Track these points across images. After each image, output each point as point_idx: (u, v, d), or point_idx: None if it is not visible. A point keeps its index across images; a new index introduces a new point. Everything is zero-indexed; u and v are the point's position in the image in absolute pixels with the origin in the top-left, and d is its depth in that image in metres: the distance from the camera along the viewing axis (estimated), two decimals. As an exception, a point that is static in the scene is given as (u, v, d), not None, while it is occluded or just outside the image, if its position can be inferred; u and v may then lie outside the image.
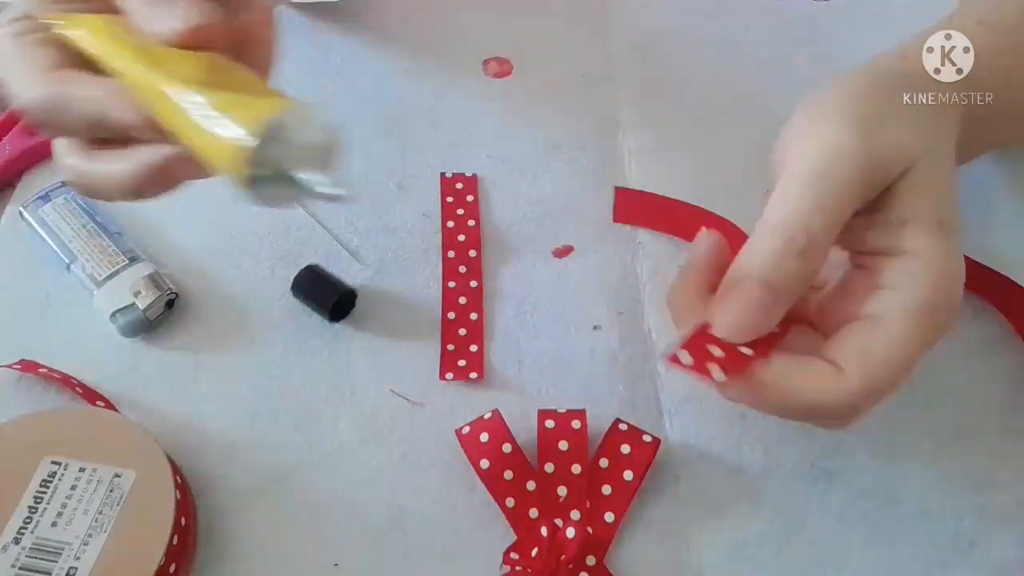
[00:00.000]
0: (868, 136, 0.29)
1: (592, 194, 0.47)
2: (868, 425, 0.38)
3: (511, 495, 0.36)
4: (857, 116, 0.30)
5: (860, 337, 0.30)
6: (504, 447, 0.37)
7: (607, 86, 0.52)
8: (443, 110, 0.51)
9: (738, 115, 0.50)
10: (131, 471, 0.35)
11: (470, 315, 0.43)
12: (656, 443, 0.37)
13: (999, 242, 0.43)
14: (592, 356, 0.41)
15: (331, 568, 0.35)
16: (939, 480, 0.37)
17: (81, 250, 0.43)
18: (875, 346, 0.29)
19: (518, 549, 0.35)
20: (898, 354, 0.29)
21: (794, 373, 0.30)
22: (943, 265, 0.29)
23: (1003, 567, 0.35)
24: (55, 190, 0.45)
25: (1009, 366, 0.40)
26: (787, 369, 0.30)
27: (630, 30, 0.55)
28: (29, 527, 0.33)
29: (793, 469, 0.38)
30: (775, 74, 0.52)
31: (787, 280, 0.29)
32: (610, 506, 0.36)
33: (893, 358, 0.29)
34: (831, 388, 0.29)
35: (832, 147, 0.29)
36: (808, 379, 0.30)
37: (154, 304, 0.41)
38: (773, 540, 0.36)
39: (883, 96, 0.31)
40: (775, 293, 0.29)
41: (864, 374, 0.29)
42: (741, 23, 0.55)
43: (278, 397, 0.40)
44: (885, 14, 0.55)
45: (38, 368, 0.40)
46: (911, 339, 0.29)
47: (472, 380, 0.40)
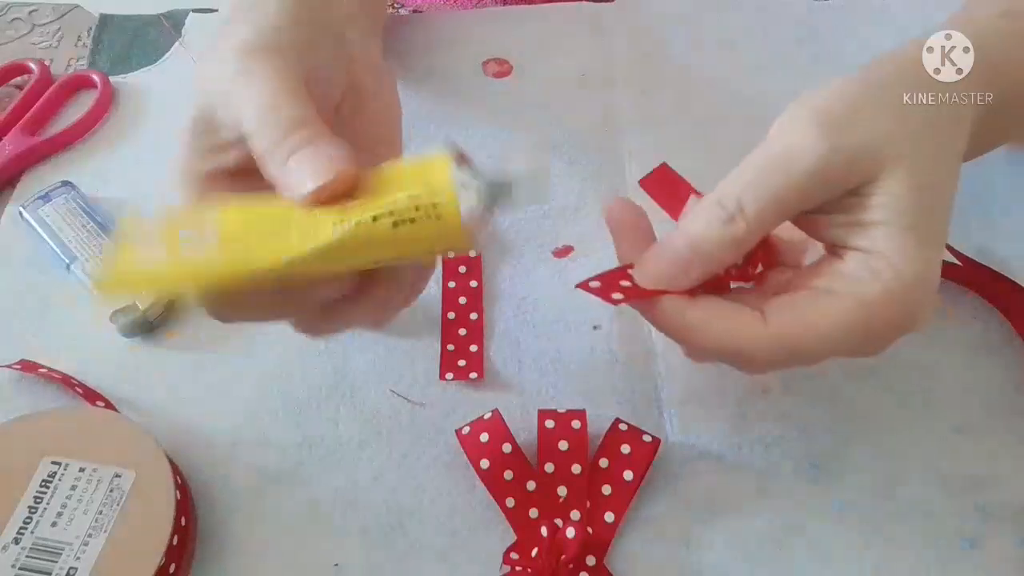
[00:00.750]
0: (830, 137, 0.29)
1: (592, 194, 0.47)
2: (868, 425, 0.39)
3: (511, 495, 0.36)
4: (827, 116, 0.30)
5: (798, 300, 0.30)
6: (504, 447, 0.37)
7: (607, 86, 0.52)
8: (443, 110, 0.51)
9: (738, 115, 0.50)
10: (131, 471, 0.35)
11: (470, 315, 0.43)
12: (656, 443, 0.37)
13: (999, 242, 0.43)
14: (592, 356, 0.41)
15: (331, 568, 0.35)
16: (939, 480, 0.37)
17: (81, 250, 0.43)
18: (807, 310, 0.30)
19: (518, 549, 0.35)
20: (825, 327, 0.29)
21: (718, 312, 0.31)
22: (908, 270, 0.29)
23: (1003, 567, 0.35)
24: (55, 190, 0.46)
25: (1009, 366, 0.40)
26: (712, 308, 0.31)
27: (630, 30, 0.55)
28: (29, 527, 0.33)
29: (793, 469, 0.38)
30: (775, 74, 0.52)
31: (707, 242, 0.30)
32: (610, 506, 0.36)
33: (819, 328, 0.29)
34: (746, 330, 0.30)
35: (793, 143, 0.30)
36: (729, 318, 0.30)
37: (154, 304, 0.41)
38: (773, 540, 0.36)
39: (865, 97, 0.31)
40: (694, 251, 0.30)
41: (782, 327, 0.30)
42: (741, 23, 0.55)
43: (278, 397, 0.40)
44: (885, 14, 0.55)
45: (38, 368, 0.40)
46: (845, 323, 0.29)
47: (472, 380, 0.40)
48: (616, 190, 0.47)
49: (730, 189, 0.30)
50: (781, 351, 0.30)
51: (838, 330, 0.29)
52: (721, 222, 0.30)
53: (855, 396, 0.39)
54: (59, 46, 0.56)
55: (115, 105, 0.52)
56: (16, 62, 0.53)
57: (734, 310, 0.31)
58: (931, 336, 0.41)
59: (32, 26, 0.57)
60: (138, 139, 0.50)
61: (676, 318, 0.31)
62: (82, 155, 0.50)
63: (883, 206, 0.29)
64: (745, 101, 0.51)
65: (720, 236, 0.30)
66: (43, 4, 0.58)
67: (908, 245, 0.29)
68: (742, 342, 0.30)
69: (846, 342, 0.29)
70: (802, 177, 0.29)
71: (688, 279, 0.31)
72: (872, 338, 0.30)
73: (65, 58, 0.55)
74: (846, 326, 0.29)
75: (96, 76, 0.52)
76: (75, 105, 0.52)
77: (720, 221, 0.30)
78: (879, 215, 0.29)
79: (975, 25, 0.34)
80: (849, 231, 0.30)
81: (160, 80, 0.53)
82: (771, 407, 0.39)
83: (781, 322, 0.30)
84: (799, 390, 0.40)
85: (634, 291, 0.31)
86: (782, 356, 0.30)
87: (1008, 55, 0.34)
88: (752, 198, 0.30)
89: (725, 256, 0.31)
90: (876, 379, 0.40)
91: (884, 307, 0.29)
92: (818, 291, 0.30)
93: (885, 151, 0.30)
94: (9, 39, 0.56)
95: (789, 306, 0.30)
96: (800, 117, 0.30)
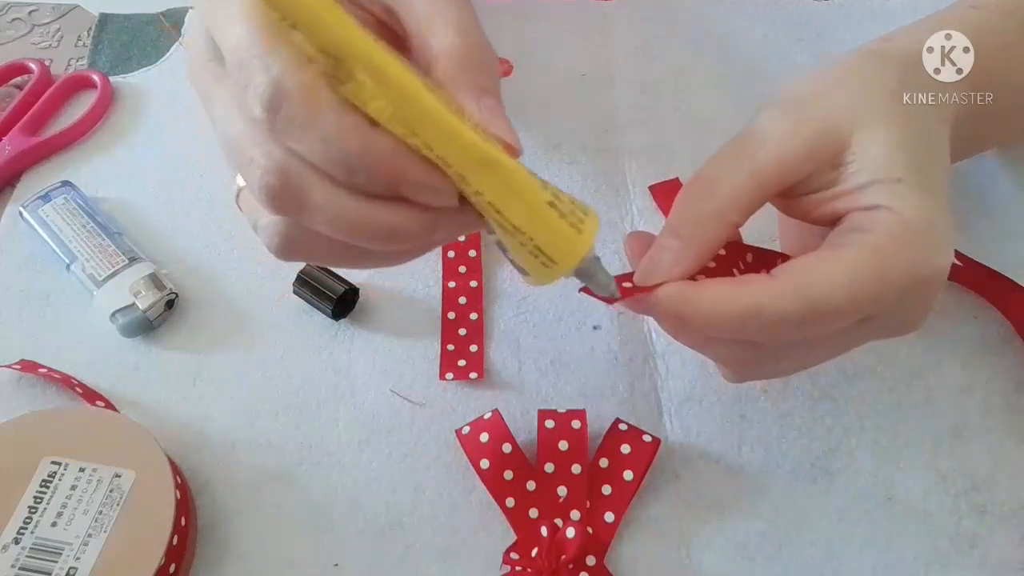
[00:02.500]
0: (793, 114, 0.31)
1: (592, 194, 0.47)
2: (868, 425, 0.39)
3: (511, 495, 0.36)
4: (792, 97, 0.32)
5: (806, 257, 0.30)
6: (504, 447, 0.37)
7: (607, 86, 0.52)
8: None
9: (738, 115, 0.50)
10: (131, 471, 0.35)
11: (470, 315, 0.43)
12: (656, 443, 0.37)
13: (999, 242, 0.43)
14: (592, 356, 0.41)
15: (331, 568, 0.35)
16: (939, 480, 0.37)
17: (81, 250, 0.43)
18: (819, 261, 0.29)
19: (518, 549, 0.35)
20: (840, 274, 0.28)
21: (724, 282, 0.30)
22: (910, 214, 0.28)
23: (1003, 567, 0.35)
24: (55, 190, 0.46)
25: (1009, 366, 0.40)
26: (718, 281, 0.30)
27: (630, 30, 0.55)
28: (29, 527, 0.33)
29: (793, 469, 0.38)
30: (775, 74, 0.52)
31: (689, 224, 0.31)
32: (610, 506, 0.36)
33: (834, 275, 0.28)
34: (758, 286, 0.29)
35: (760, 123, 0.31)
36: (738, 282, 0.30)
37: (154, 304, 0.41)
38: (773, 540, 0.36)
39: (829, 78, 0.32)
40: (679, 236, 0.31)
41: (796, 277, 0.29)
42: (741, 23, 0.55)
43: (278, 397, 0.40)
44: (885, 14, 0.55)
45: (38, 368, 0.40)
46: (859, 269, 0.28)
47: (472, 380, 0.40)
48: (616, 190, 0.47)
49: (704, 172, 0.31)
50: (800, 302, 0.28)
51: (854, 275, 0.28)
52: (697, 200, 0.31)
53: (855, 396, 0.39)
54: (59, 46, 0.56)
55: (115, 105, 0.52)
56: (16, 62, 0.53)
57: (742, 277, 0.30)
58: (931, 336, 0.41)
59: (32, 26, 0.57)
60: (138, 139, 0.50)
61: (680, 297, 0.30)
62: (82, 155, 0.50)
63: (866, 168, 0.30)
64: (745, 101, 0.51)
65: (697, 214, 0.31)
66: (43, 4, 0.58)
67: (901, 192, 0.29)
68: (758, 298, 0.28)
69: (863, 287, 0.28)
70: (768, 153, 0.30)
71: (678, 266, 0.30)
72: (892, 286, 0.28)
73: (65, 58, 0.55)
74: (858, 270, 0.28)
75: (96, 76, 0.52)
76: (75, 105, 0.52)
77: (696, 200, 0.31)
78: (864, 177, 0.29)
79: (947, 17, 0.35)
80: (840, 200, 0.30)
81: (160, 80, 0.53)
82: (771, 407, 0.39)
83: (793, 274, 0.29)
84: (799, 390, 0.40)
85: (635, 289, 0.31)
86: (799, 308, 0.28)
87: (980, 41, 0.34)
88: (722, 176, 0.31)
89: (705, 234, 0.30)
90: (876, 379, 0.40)
91: (895, 250, 0.28)
92: (824, 249, 0.30)
93: (853, 118, 0.30)
94: (9, 39, 0.56)
95: (799, 263, 0.29)
96: (769, 104, 0.32)
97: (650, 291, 0.30)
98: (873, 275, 0.28)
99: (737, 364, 0.33)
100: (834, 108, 0.31)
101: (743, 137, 0.32)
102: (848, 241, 0.29)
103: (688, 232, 0.31)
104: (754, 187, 0.30)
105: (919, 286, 0.29)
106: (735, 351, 0.32)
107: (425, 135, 0.24)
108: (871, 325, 0.30)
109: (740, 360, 0.33)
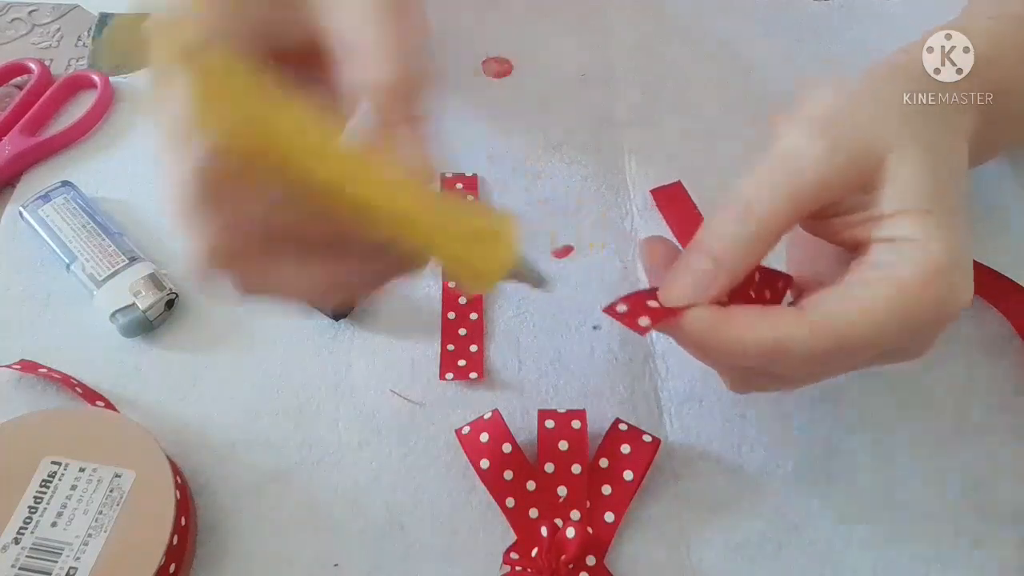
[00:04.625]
0: (829, 136, 0.30)
1: (592, 194, 0.47)
2: (868, 425, 0.39)
3: (511, 495, 0.36)
4: (826, 115, 0.31)
5: (834, 292, 0.30)
6: (504, 447, 0.37)
7: (607, 86, 0.52)
8: (443, 110, 0.51)
9: (738, 115, 0.50)
10: (131, 471, 0.35)
11: (470, 315, 0.43)
12: (656, 443, 0.37)
13: (999, 242, 0.43)
14: (592, 356, 0.41)
15: (331, 568, 0.35)
16: (939, 480, 0.37)
17: (81, 250, 0.43)
18: (846, 298, 0.29)
19: (518, 549, 0.35)
20: (868, 312, 0.28)
21: (753, 311, 0.30)
22: (937, 249, 0.28)
23: (1003, 567, 0.35)
24: (55, 190, 0.46)
25: (1009, 366, 0.40)
26: (746, 309, 0.30)
27: (630, 30, 0.55)
28: (29, 527, 0.33)
29: (793, 469, 0.38)
30: (775, 74, 0.52)
31: (726, 246, 0.30)
32: (610, 506, 0.36)
33: (861, 314, 0.28)
34: (787, 319, 0.29)
35: (794, 144, 0.30)
36: (766, 313, 0.30)
37: (154, 304, 0.41)
38: (773, 540, 0.36)
39: (863, 95, 0.31)
40: (711, 257, 0.30)
41: (824, 315, 0.29)
42: (741, 23, 0.55)
43: (278, 397, 0.40)
44: (885, 14, 0.55)
45: (38, 368, 0.40)
46: (886, 308, 0.28)
47: (472, 380, 0.40)
48: (616, 190, 0.47)
49: (739, 192, 0.30)
50: (826, 340, 0.28)
51: (881, 314, 0.28)
52: (733, 223, 0.30)
53: (855, 396, 0.39)
54: (59, 46, 0.56)
55: (115, 105, 0.52)
56: (16, 62, 0.53)
57: (771, 309, 0.30)
58: (931, 336, 0.41)
59: (32, 26, 0.57)
60: (138, 139, 0.50)
61: (708, 325, 0.30)
62: (82, 155, 0.49)
63: (896, 195, 0.29)
64: (745, 101, 0.51)
65: (734, 236, 0.30)
66: (43, 4, 0.58)
67: (930, 226, 0.29)
68: (784, 332, 0.29)
69: (890, 326, 0.28)
70: (806, 176, 0.30)
71: (712, 289, 0.30)
72: (916, 323, 0.29)
73: (65, 58, 0.55)
74: (888, 310, 0.28)
75: (96, 76, 0.52)
76: (75, 105, 0.52)
77: (732, 223, 0.30)
78: (895, 204, 0.29)
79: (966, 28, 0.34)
80: (868, 226, 0.30)
81: (160, 80, 0.53)
82: (771, 407, 0.39)
83: (822, 311, 0.29)
84: (799, 391, 0.40)
85: (662, 312, 0.30)
86: (827, 347, 0.29)
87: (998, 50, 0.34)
88: (761, 198, 0.30)
89: (742, 257, 0.30)
90: (876, 379, 0.40)
91: (923, 287, 0.28)
92: (852, 284, 0.30)
93: (886, 143, 0.30)
94: (9, 39, 0.56)
95: (826, 298, 0.29)
96: (801, 118, 0.31)
97: (678, 315, 0.30)
98: (900, 312, 0.28)
99: (744, 383, 0.34)
100: (865, 129, 0.30)
101: (778, 158, 0.30)
102: (873, 277, 0.29)
103: (725, 255, 0.30)
104: (793, 210, 0.30)
105: (939, 322, 0.30)
106: (747, 374, 0.32)
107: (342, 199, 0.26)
108: (882, 355, 0.31)
109: (749, 380, 0.33)
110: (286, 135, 0.25)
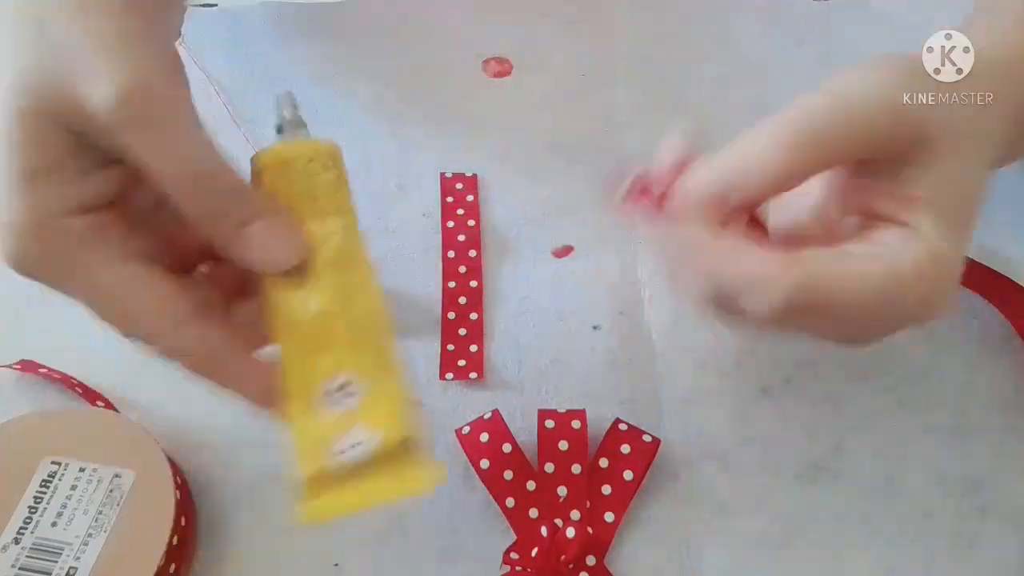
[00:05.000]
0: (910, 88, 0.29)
1: (592, 194, 0.47)
2: (868, 425, 0.39)
3: (511, 495, 0.36)
4: (913, 67, 0.30)
5: (831, 252, 0.29)
6: (504, 447, 0.37)
7: (607, 86, 0.52)
8: (443, 110, 0.51)
9: (738, 115, 0.50)
10: (131, 471, 0.35)
11: (470, 315, 0.43)
12: (656, 443, 0.37)
13: (999, 242, 0.43)
14: (592, 356, 0.41)
15: (331, 568, 0.35)
16: (939, 480, 0.37)
17: (81, 250, 0.43)
18: (840, 261, 0.29)
19: (518, 549, 0.35)
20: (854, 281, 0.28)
21: (738, 242, 0.30)
22: (942, 251, 0.28)
23: (1003, 567, 0.35)
24: (55, 190, 0.45)
25: (1009, 366, 0.40)
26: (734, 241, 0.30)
27: (630, 30, 0.55)
28: (29, 527, 0.33)
29: (793, 469, 0.38)
30: (775, 74, 0.52)
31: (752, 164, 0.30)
32: (610, 506, 0.36)
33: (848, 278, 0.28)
34: (774, 255, 0.29)
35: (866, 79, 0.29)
36: (758, 243, 0.29)
37: (154, 304, 0.41)
38: (773, 540, 0.36)
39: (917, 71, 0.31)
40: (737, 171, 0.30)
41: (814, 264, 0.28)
42: (741, 23, 0.55)
43: (278, 397, 0.40)
44: (885, 14, 0.55)
45: (38, 368, 0.40)
46: (872, 285, 0.28)
47: (472, 380, 0.40)
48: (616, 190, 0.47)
49: (776, 119, 0.30)
50: (806, 282, 0.28)
51: (866, 288, 0.28)
52: (766, 148, 0.30)
53: (855, 396, 0.39)
54: None
55: (115, 105, 0.52)
56: (16, 62, 0.53)
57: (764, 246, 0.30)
58: (931, 336, 0.41)
59: None
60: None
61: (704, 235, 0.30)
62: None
63: (933, 184, 0.29)
64: (745, 101, 0.51)
65: (760, 158, 0.30)
66: None
67: (946, 226, 0.29)
68: (767, 265, 0.28)
69: (869, 305, 0.28)
70: (863, 117, 0.29)
71: (730, 200, 0.30)
72: (892, 310, 0.29)
73: None
74: (874, 287, 0.28)
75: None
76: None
77: (764, 147, 0.30)
78: (928, 192, 0.29)
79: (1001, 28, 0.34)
80: (891, 202, 0.30)
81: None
82: (771, 407, 0.39)
83: (813, 261, 0.29)
84: (799, 390, 0.40)
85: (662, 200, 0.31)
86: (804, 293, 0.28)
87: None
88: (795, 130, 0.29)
89: (769, 180, 0.30)
90: (876, 379, 0.40)
91: (913, 281, 0.28)
92: (851, 252, 0.30)
93: (947, 126, 0.29)
94: (9, 39, 0.56)
95: (821, 254, 0.29)
96: (880, 65, 0.30)
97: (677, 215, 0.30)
98: (883, 295, 0.28)
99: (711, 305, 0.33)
100: (942, 106, 0.30)
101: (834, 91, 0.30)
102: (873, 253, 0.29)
103: (749, 169, 0.30)
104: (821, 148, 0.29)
105: (906, 323, 0.30)
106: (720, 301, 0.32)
107: None
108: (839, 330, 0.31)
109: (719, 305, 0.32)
110: None
